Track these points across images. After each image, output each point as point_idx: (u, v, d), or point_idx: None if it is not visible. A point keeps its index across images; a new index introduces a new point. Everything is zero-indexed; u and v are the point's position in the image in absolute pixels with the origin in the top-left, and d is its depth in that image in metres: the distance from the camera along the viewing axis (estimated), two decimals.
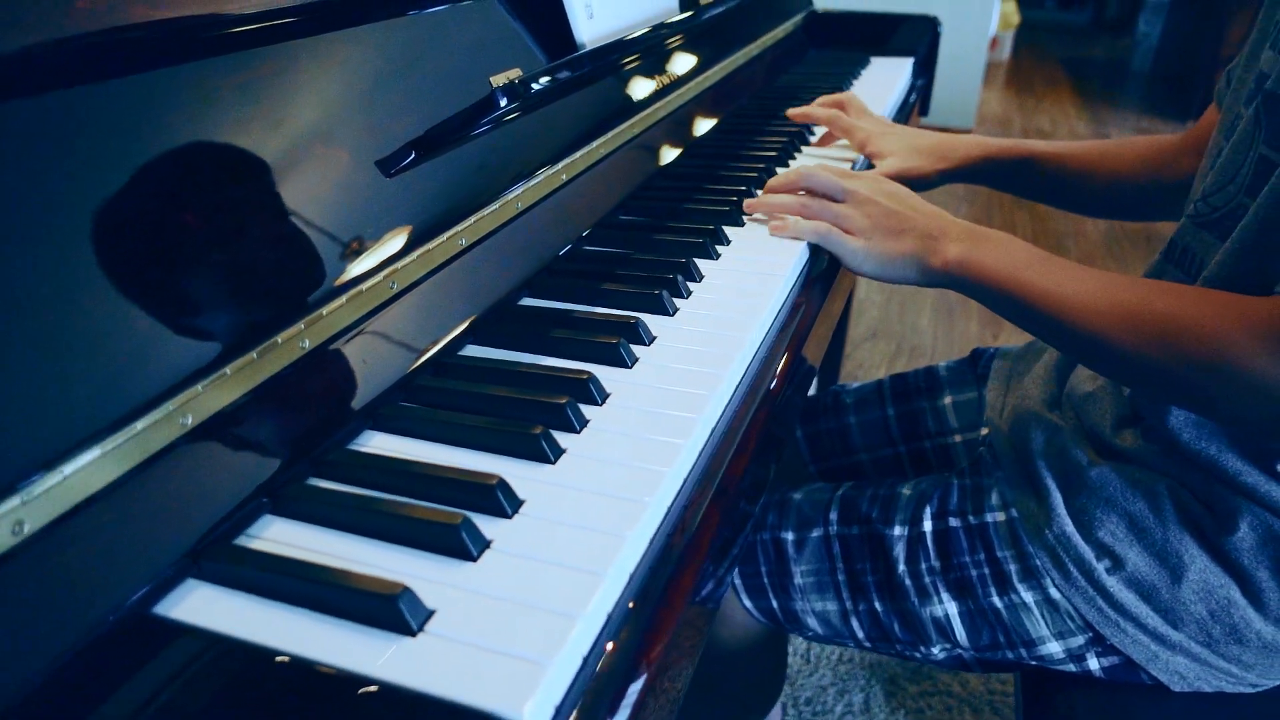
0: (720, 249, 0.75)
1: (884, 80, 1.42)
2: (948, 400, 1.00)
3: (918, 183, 0.94)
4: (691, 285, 0.68)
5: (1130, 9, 7.04)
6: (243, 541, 0.42)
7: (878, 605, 0.81)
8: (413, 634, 0.37)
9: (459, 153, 0.63)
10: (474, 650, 0.36)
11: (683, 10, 1.01)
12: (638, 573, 0.42)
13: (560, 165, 0.73)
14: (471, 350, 0.59)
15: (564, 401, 0.50)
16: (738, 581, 0.85)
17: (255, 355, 0.45)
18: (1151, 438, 0.74)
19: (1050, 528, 0.74)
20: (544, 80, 0.65)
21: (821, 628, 0.84)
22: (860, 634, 0.83)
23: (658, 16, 0.94)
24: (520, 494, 0.45)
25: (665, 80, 0.92)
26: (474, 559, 0.41)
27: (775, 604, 0.84)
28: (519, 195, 0.67)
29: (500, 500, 0.43)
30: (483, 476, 0.44)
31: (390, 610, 0.37)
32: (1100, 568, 0.72)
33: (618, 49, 0.78)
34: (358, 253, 0.53)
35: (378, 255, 0.54)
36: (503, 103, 0.58)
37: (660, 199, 0.84)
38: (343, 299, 0.50)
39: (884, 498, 0.84)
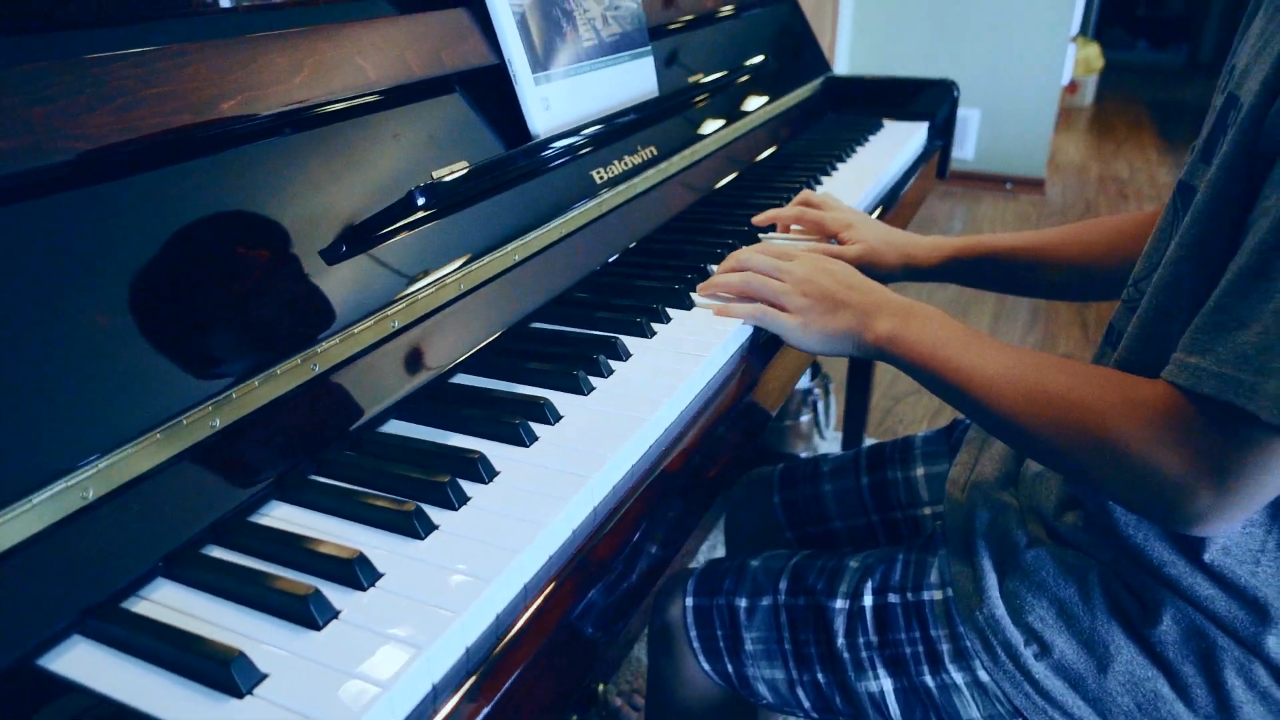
0: (658, 327, 0.79)
1: (893, 144, 1.44)
2: (920, 472, 1.01)
3: (881, 274, 0.96)
4: (615, 364, 0.72)
5: (1226, 48, 6.79)
6: (130, 604, 0.48)
7: (820, 677, 0.82)
8: (240, 696, 0.41)
9: (396, 243, 0.68)
10: (293, 716, 0.41)
11: (663, 91, 1.06)
12: (475, 647, 0.46)
13: (511, 247, 0.78)
14: (391, 425, 0.65)
15: (445, 481, 0.55)
16: (696, 644, 0.87)
17: (159, 435, 0.51)
18: (1090, 521, 0.74)
19: (981, 609, 0.75)
20: (461, 179, 0.70)
21: (771, 695, 0.86)
22: (806, 704, 0.84)
23: (634, 98, 0.99)
24: (381, 567, 0.49)
25: (634, 161, 0.97)
26: (318, 628, 0.45)
27: (730, 668, 0.86)
28: (460, 278, 0.73)
29: (356, 573, 0.48)
30: (346, 550, 0.49)
31: (223, 673, 0.42)
32: (1028, 653, 0.72)
33: (566, 138, 0.83)
34: (281, 337, 0.59)
35: (299, 340, 0.60)
36: (420, 202, 0.64)
37: (619, 275, 0.89)
38: (255, 380, 0.56)
39: (831, 569, 0.85)
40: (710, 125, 1.17)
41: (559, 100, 0.86)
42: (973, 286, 1.00)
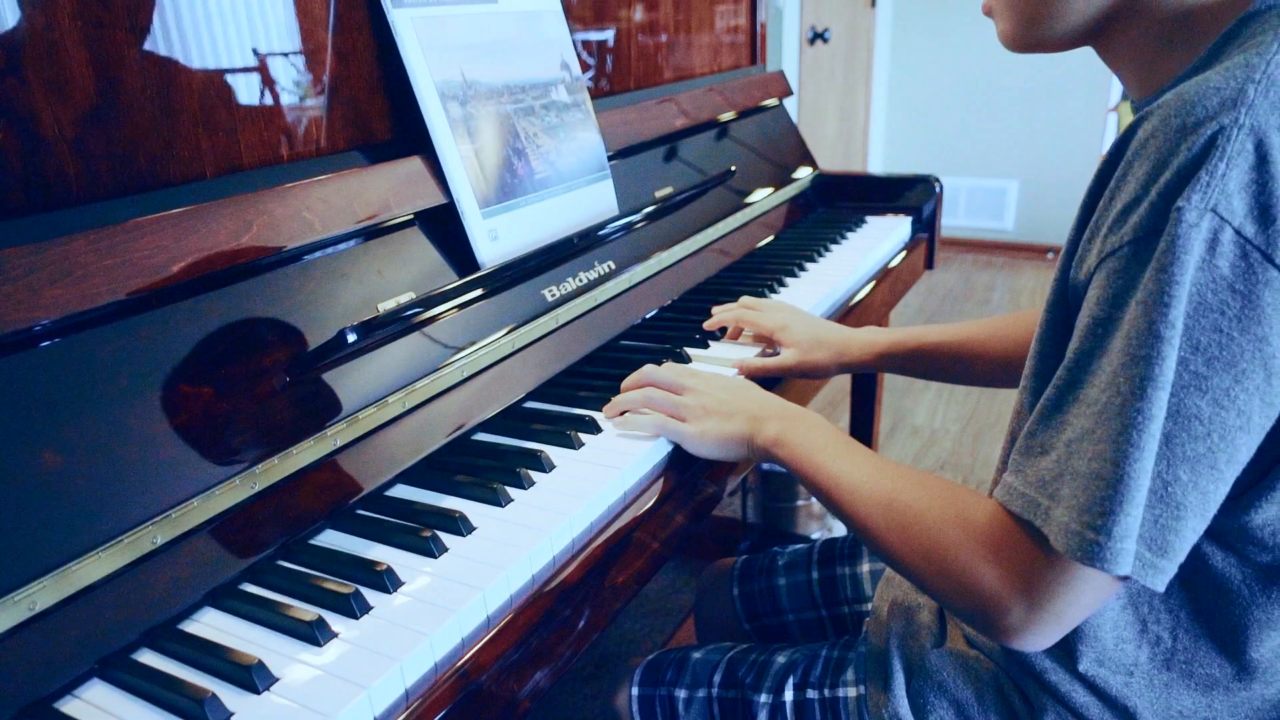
0: (587, 438, 0.86)
1: (872, 240, 1.50)
2: (865, 568, 1.05)
3: (817, 374, 1.03)
4: (538, 476, 0.79)
5: None
6: (61, 703, 0.56)
7: None
8: None
9: (335, 372, 0.78)
10: None
11: (627, 207, 1.15)
12: None
13: (454, 368, 0.87)
14: (325, 535, 0.73)
15: (349, 592, 0.62)
16: None
17: (101, 554, 0.60)
18: None
19: (888, 707, 0.78)
20: (393, 313, 0.79)
21: None
22: None
23: (592, 219, 1.08)
24: (278, 672, 0.57)
25: (589, 277, 1.06)
26: None
27: None
28: (402, 397, 0.81)
29: (252, 678, 0.56)
30: (247, 657, 0.57)
31: None
32: None
33: (509, 267, 0.92)
34: (220, 462, 0.68)
35: (237, 463, 0.69)
36: (350, 339, 0.73)
37: (567, 386, 0.97)
38: (194, 501, 0.65)
39: (761, 664, 0.90)
40: (677, 235, 1.25)
41: (508, 230, 0.95)
42: (906, 376, 1.05)
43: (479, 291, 0.90)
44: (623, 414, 0.88)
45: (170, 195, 0.72)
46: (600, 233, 1.07)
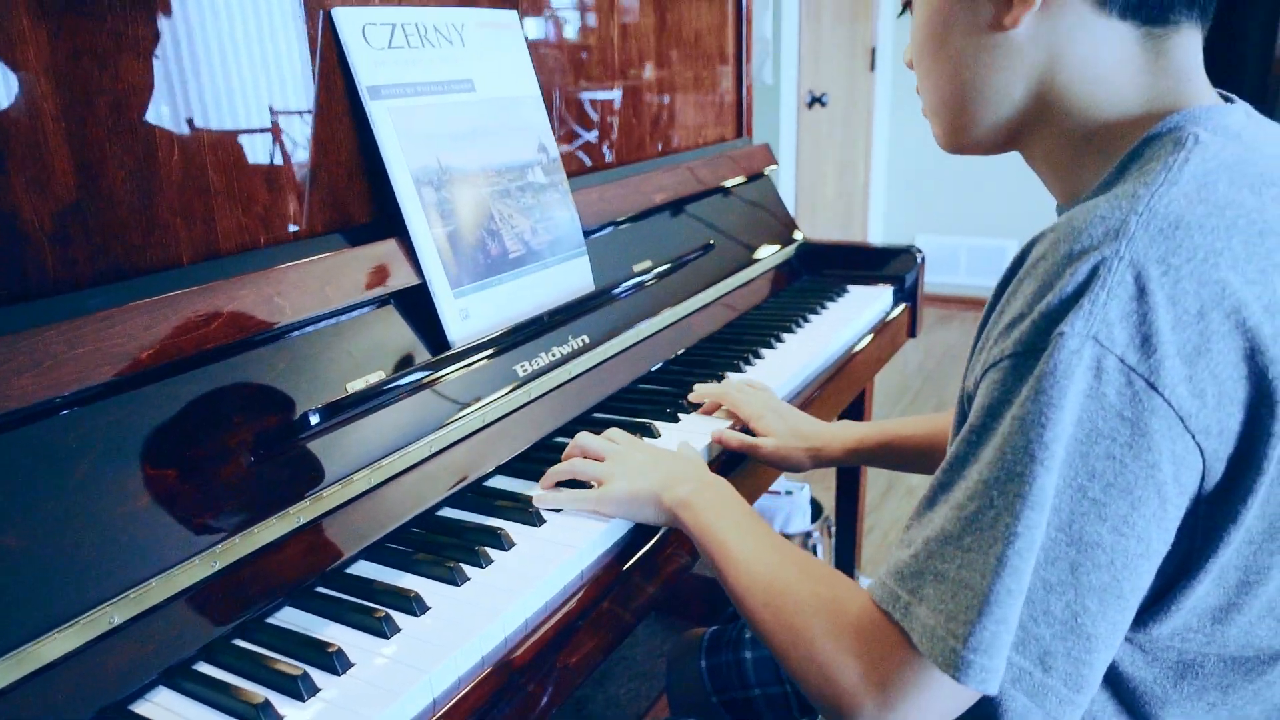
0: (549, 514, 0.88)
1: (854, 308, 1.53)
2: None
3: (789, 466, 1.04)
4: (497, 554, 0.81)
5: None
6: None
7: None
8: None
9: (299, 452, 0.80)
10: None
11: (605, 282, 1.19)
12: None
13: (421, 444, 0.89)
14: (283, 613, 0.74)
15: (298, 674, 0.64)
16: None
17: (58, 634, 0.62)
18: None
19: None
20: (359, 396, 0.82)
21: None
22: None
23: (567, 295, 1.12)
24: None
25: (562, 352, 1.08)
26: None
27: None
28: (368, 474, 0.84)
29: None
30: None
31: None
32: None
33: (479, 346, 0.95)
34: (179, 543, 0.70)
35: (197, 544, 0.71)
36: (313, 421, 0.75)
37: (535, 461, 0.99)
38: (153, 581, 0.67)
39: None
40: (653, 308, 1.28)
41: (480, 309, 0.98)
42: (876, 467, 1.07)
43: (448, 369, 0.93)
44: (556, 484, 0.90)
45: (147, 283, 0.75)
46: (574, 309, 1.10)
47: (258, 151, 0.86)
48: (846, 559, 1.94)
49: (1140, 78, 0.64)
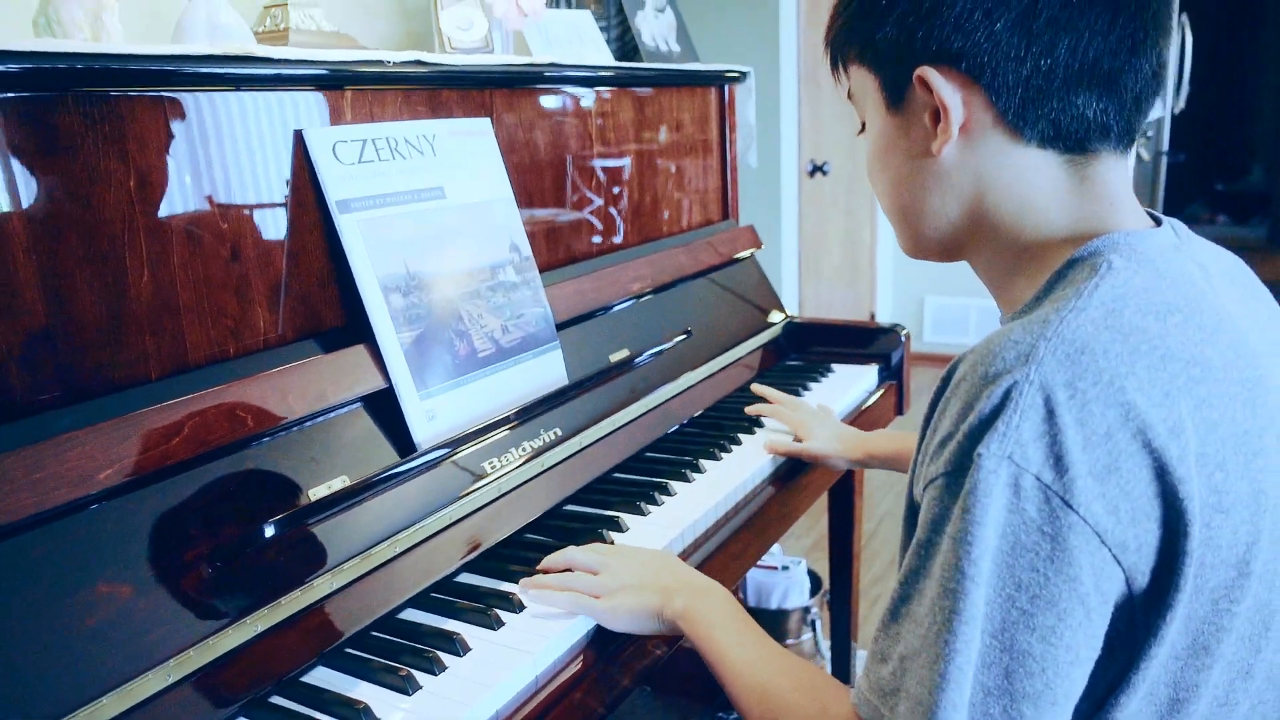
0: (508, 616, 0.89)
1: (839, 389, 1.54)
2: None
3: (830, 464, 1.25)
4: (451, 660, 0.82)
5: None
6: None
7: None
8: None
9: (259, 562, 0.82)
10: None
11: (581, 374, 1.21)
12: None
13: (382, 546, 0.91)
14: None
15: None
16: None
17: None
18: None
19: None
20: (321, 503, 0.85)
21: None
22: None
23: (540, 389, 1.14)
24: None
25: (534, 446, 1.10)
26: None
27: None
28: (329, 578, 0.85)
29: None
30: None
31: None
32: None
33: (445, 446, 0.97)
34: (137, 657, 0.72)
35: (152, 660, 0.73)
36: (269, 533, 0.78)
37: (500, 559, 1.00)
38: (105, 699, 0.69)
39: None
40: (629, 397, 1.30)
41: (446, 409, 1.01)
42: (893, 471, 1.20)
43: (412, 471, 0.95)
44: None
45: (115, 400, 0.79)
46: (545, 403, 1.12)
47: (229, 268, 0.90)
48: (841, 633, 1.92)
49: (1066, 201, 0.66)
